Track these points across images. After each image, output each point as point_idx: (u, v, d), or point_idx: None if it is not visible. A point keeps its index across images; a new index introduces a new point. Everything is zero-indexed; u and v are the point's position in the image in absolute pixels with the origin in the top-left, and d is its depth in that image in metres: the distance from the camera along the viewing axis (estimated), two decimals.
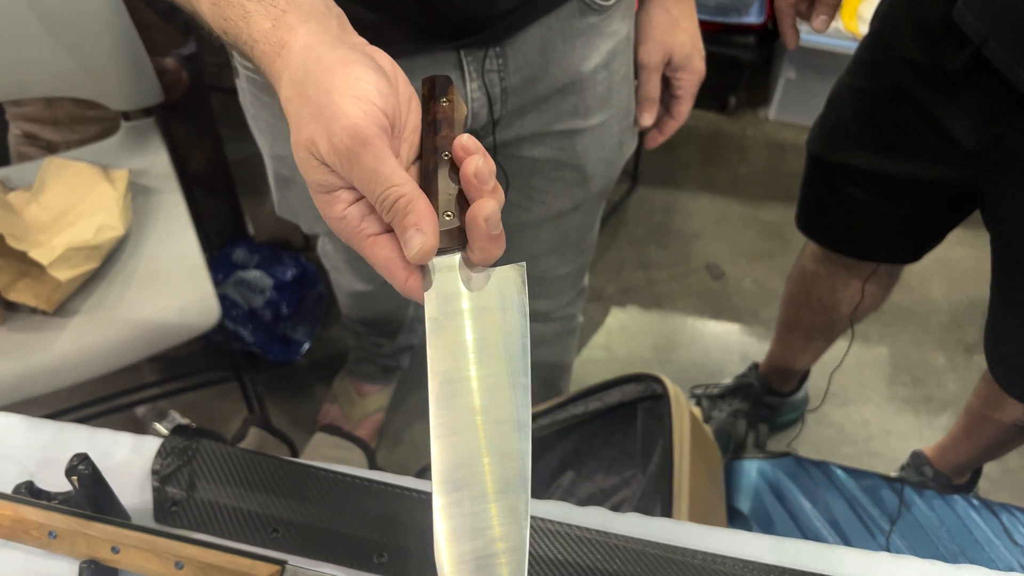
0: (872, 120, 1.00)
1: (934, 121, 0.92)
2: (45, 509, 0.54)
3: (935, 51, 0.88)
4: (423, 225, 0.40)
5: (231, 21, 0.45)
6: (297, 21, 0.44)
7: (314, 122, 0.41)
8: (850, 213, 1.10)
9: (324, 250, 1.26)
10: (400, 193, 0.40)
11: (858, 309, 1.26)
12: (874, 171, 1.02)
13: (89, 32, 1.16)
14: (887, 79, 0.96)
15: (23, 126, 1.38)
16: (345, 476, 0.62)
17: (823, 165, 1.09)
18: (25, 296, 1.07)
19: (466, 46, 0.73)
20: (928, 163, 0.97)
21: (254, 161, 1.91)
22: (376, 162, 0.40)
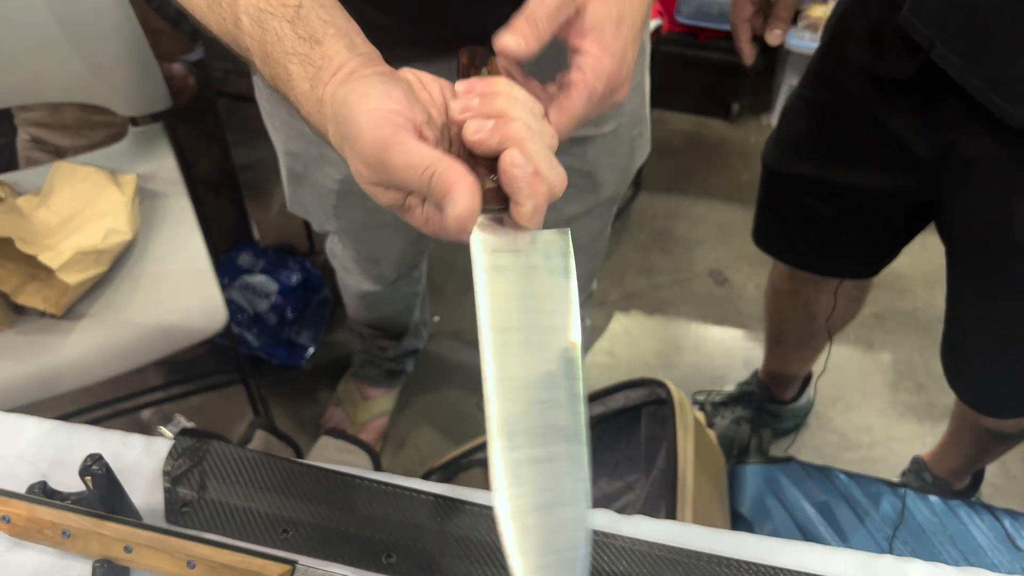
0: (826, 131, 1.00)
1: (887, 130, 0.92)
2: (59, 509, 0.55)
3: (886, 60, 0.88)
4: (457, 190, 0.39)
5: (280, 80, 0.47)
6: (328, 75, 0.45)
7: (350, 153, 0.43)
8: (807, 226, 1.10)
9: (333, 250, 1.26)
10: (430, 173, 0.40)
11: (832, 321, 1.27)
12: (830, 182, 1.02)
13: (98, 38, 1.17)
14: (840, 89, 0.96)
15: (32, 131, 1.39)
16: (354, 477, 0.63)
17: (779, 177, 1.09)
18: (34, 299, 1.08)
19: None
20: (883, 173, 0.96)
21: (260, 166, 1.93)
22: (403, 157, 0.40)
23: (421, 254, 1.24)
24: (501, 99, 0.43)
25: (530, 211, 0.41)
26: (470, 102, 0.43)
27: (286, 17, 0.46)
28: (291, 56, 0.46)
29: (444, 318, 1.74)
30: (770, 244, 1.20)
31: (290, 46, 0.46)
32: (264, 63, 0.48)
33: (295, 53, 0.46)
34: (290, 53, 0.46)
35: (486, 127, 0.41)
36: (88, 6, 1.13)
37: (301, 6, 0.47)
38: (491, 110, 0.42)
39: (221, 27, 0.50)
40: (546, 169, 0.41)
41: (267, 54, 0.47)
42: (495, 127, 0.41)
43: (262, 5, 0.47)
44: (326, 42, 0.46)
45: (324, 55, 0.46)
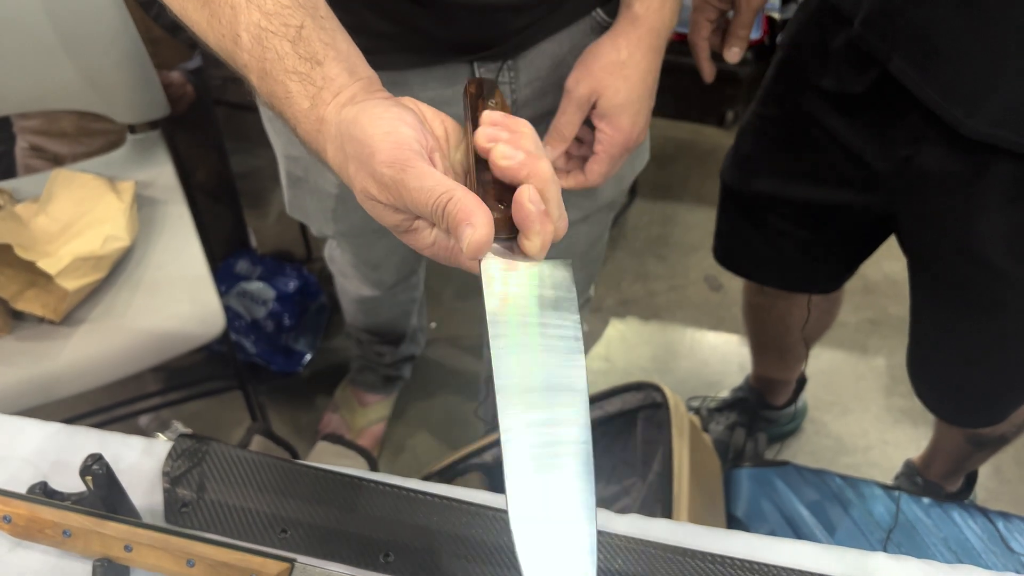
0: (783, 148, 1.00)
1: (843, 146, 0.92)
2: (60, 508, 0.55)
3: (839, 76, 0.89)
4: (472, 218, 0.41)
5: (277, 97, 0.48)
6: (330, 96, 0.47)
7: (360, 172, 0.44)
8: (767, 243, 1.10)
9: (331, 255, 1.27)
10: (447, 198, 0.41)
11: (806, 332, 1.29)
12: (788, 199, 1.02)
13: (97, 46, 1.18)
14: (795, 106, 0.96)
15: (30, 139, 1.40)
16: (352, 478, 0.64)
17: (738, 196, 1.09)
18: (32, 305, 1.08)
19: (480, 59, 0.76)
20: (841, 188, 0.96)
21: (257, 174, 1.94)
22: (419, 180, 0.42)
23: (419, 260, 1.25)
24: (527, 139, 0.45)
25: (538, 246, 0.43)
26: (498, 134, 0.44)
27: (287, 37, 0.47)
28: (291, 75, 0.47)
29: (441, 324, 1.75)
30: (731, 262, 1.20)
31: (290, 65, 0.48)
32: (262, 80, 0.49)
33: (295, 72, 0.47)
34: (290, 72, 0.47)
35: (518, 157, 0.43)
36: (87, 15, 1.14)
37: (303, 27, 0.48)
38: (518, 146, 0.44)
39: (219, 43, 0.50)
40: (556, 213, 0.43)
41: (266, 71, 0.48)
42: (526, 160, 0.43)
43: (263, 24, 0.48)
44: (327, 63, 0.48)
45: (325, 76, 0.47)
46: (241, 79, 0.52)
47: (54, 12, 1.13)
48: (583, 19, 0.78)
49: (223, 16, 0.49)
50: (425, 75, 0.74)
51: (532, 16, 0.73)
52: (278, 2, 0.48)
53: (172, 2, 0.52)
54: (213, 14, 0.49)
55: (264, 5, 0.48)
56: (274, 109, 0.50)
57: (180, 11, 0.52)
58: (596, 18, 0.78)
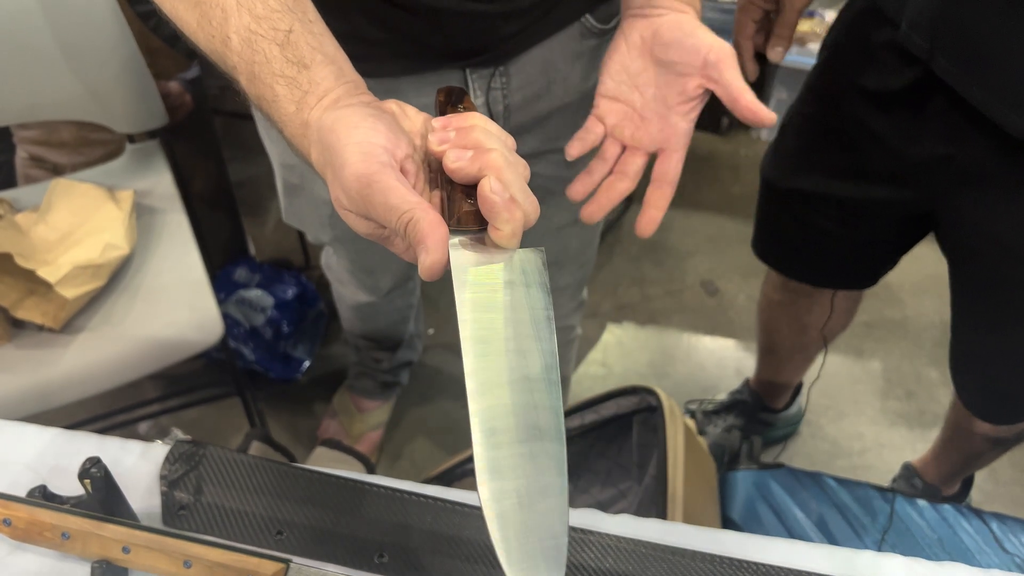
0: (825, 145, 1.02)
1: (885, 144, 0.93)
2: (59, 511, 0.56)
3: (882, 74, 0.90)
4: (428, 242, 0.42)
5: (265, 100, 0.49)
6: (315, 100, 0.47)
7: (333, 181, 0.45)
8: (807, 238, 1.11)
9: (328, 262, 1.28)
10: (407, 219, 0.42)
11: (825, 330, 1.30)
12: (829, 195, 1.04)
13: (96, 57, 1.19)
14: (838, 105, 0.98)
15: (30, 149, 1.41)
16: (347, 480, 0.64)
17: (778, 191, 1.11)
18: (32, 314, 1.09)
19: (472, 65, 0.77)
20: (882, 186, 0.98)
21: (255, 182, 1.95)
22: (385, 196, 0.43)
23: (414, 266, 1.26)
24: (476, 132, 0.45)
25: (509, 233, 0.43)
26: (447, 135, 0.45)
27: (276, 40, 0.48)
28: (278, 78, 0.48)
29: (438, 330, 1.76)
30: (770, 256, 1.22)
31: (278, 68, 0.48)
32: (250, 83, 0.49)
33: (282, 75, 0.48)
34: (277, 75, 0.48)
35: (465, 156, 0.44)
36: (87, 26, 1.15)
37: (291, 31, 0.48)
38: (467, 142, 0.44)
39: (209, 44, 0.51)
40: (521, 197, 0.43)
41: (254, 74, 0.49)
42: (474, 156, 0.44)
43: (253, 27, 0.48)
44: (314, 67, 0.48)
45: (311, 79, 0.48)
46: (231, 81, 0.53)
47: (54, 24, 1.14)
48: (573, 25, 0.79)
49: (214, 18, 0.50)
50: (419, 82, 0.76)
51: (522, 22, 0.74)
52: (267, 6, 0.49)
53: (163, 2, 0.53)
54: (204, 15, 0.50)
55: (254, 9, 0.49)
56: (262, 111, 0.51)
57: (171, 11, 0.53)
58: (586, 24, 0.79)
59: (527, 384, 0.42)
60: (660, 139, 0.65)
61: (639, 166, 0.66)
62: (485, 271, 0.44)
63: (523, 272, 0.44)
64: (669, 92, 0.63)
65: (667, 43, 0.62)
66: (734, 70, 0.61)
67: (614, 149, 0.67)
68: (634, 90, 0.65)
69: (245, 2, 0.49)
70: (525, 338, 0.43)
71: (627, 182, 0.66)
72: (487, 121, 0.46)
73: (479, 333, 0.42)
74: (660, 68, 0.64)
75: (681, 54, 0.62)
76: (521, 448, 0.41)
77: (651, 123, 0.65)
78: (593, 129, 0.67)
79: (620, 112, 0.66)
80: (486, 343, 0.42)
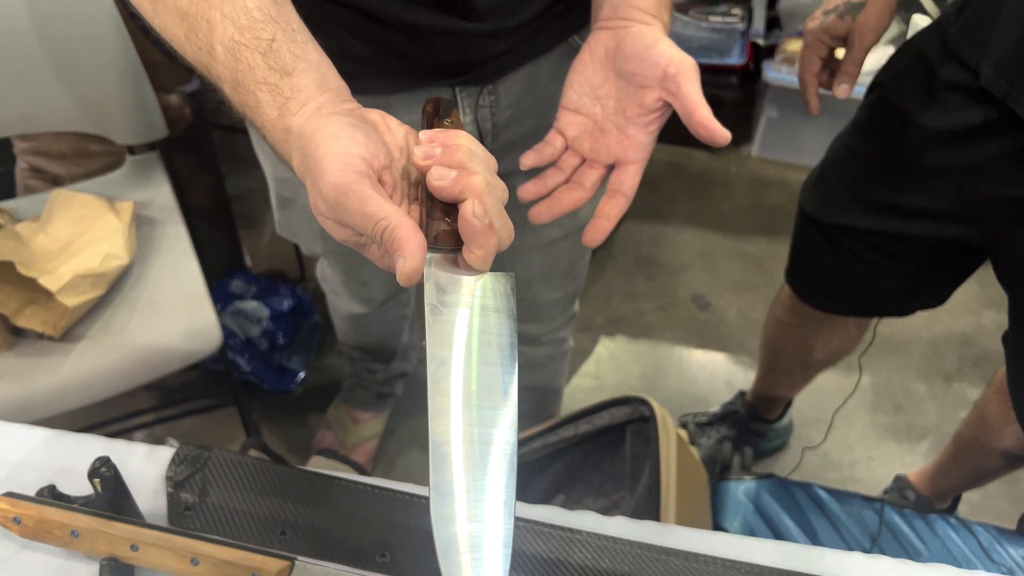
0: (876, 182, 1.02)
1: (947, 183, 0.93)
2: (68, 510, 0.58)
3: (949, 114, 0.90)
4: (405, 249, 0.43)
5: (248, 107, 0.51)
6: (297, 106, 0.49)
7: (312, 190, 0.47)
8: (849, 271, 1.11)
9: (323, 273, 1.30)
10: (384, 225, 0.43)
11: (831, 354, 1.32)
12: (880, 231, 1.03)
13: (98, 69, 1.21)
14: (893, 142, 0.98)
15: (30, 160, 1.42)
16: (349, 482, 0.66)
17: (820, 225, 1.11)
18: (32, 322, 1.10)
19: (461, 83, 0.79)
20: (937, 222, 0.98)
21: (252, 196, 1.97)
22: (361, 204, 0.44)
23: None
24: (462, 152, 0.46)
25: (481, 257, 0.45)
26: (432, 151, 0.46)
27: (259, 49, 0.50)
28: (261, 85, 0.49)
29: None
30: (805, 288, 1.22)
31: (260, 76, 0.49)
32: (235, 91, 0.51)
33: (265, 83, 0.49)
34: (260, 83, 0.49)
35: (449, 176, 0.45)
36: (90, 39, 1.17)
37: (274, 40, 0.50)
38: (452, 161, 0.45)
39: (196, 56, 0.53)
40: (499, 223, 0.45)
41: (238, 82, 0.50)
42: (457, 177, 0.45)
43: (237, 37, 0.50)
44: (296, 74, 0.49)
45: (293, 86, 0.49)
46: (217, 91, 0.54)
47: (57, 36, 1.16)
48: (560, 45, 0.81)
49: (199, 30, 0.51)
50: (409, 99, 0.77)
51: (510, 42, 0.76)
52: (251, 16, 0.50)
53: (153, 17, 0.55)
54: (191, 28, 0.52)
55: (238, 20, 0.50)
56: (246, 118, 0.52)
57: (160, 26, 0.55)
58: (573, 44, 0.81)
59: (483, 406, 0.43)
60: (617, 151, 0.64)
61: (596, 178, 0.66)
62: (455, 291, 0.45)
63: (492, 296, 0.46)
64: (628, 104, 0.63)
65: (628, 55, 0.62)
66: (692, 84, 0.60)
67: (572, 160, 0.66)
68: (596, 102, 0.65)
69: (229, 13, 0.50)
70: (487, 362, 0.44)
71: (582, 192, 0.66)
72: (473, 141, 0.47)
73: (443, 353, 0.44)
74: (621, 80, 0.63)
75: (641, 66, 0.61)
76: (469, 472, 0.42)
77: (609, 135, 0.64)
78: (552, 143, 0.66)
79: (580, 124, 0.66)
80: (447, 364, 0.44)
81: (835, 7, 0.96)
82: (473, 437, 0.43)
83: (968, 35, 0.87)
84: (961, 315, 1.88)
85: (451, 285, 0.45)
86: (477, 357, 0.44)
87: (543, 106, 0.84)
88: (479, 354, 0.44)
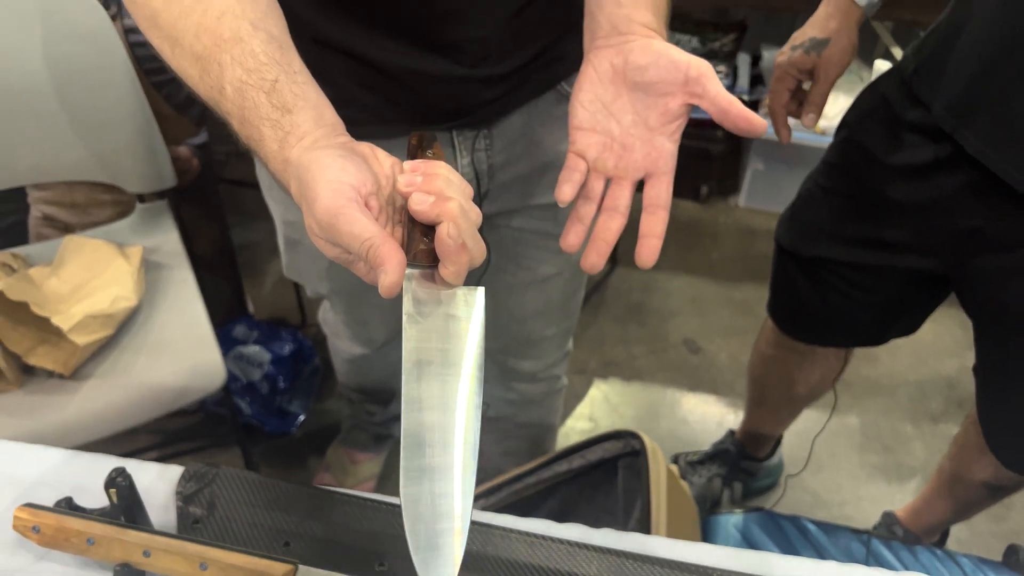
0: (846, 216, 1.08)
1: (911, 216, 0.99)
2: (85, 519, 0.61)
3: (910, 152, 0.97)
4: (387, 265, 0.49)
5: (253, 140, 0.57)
6: (295, 140, 0.55)
7: (307, 213, 0.52)
8: (824, 302, 1.17)
9: (325, 317, 1.34)
10: (369, 244, 0.49)
11: (814, 388, 1.37)
12: (850, 263, 1.10)
13: (113, 122, 1.27)
14: (860, 179, 1.04)
15: (44, 209, 1.48)
16: (349, 496, 0.69)
17: (796, 258, 1.17)
18: (44, 360, 1.14)
19: (458, 127, 0.85)
20: (905, 254, 1.03)
21: (255, 246, 2.03)
22: (350, 226, 0.50)
23: None
24: (440, 180, 0.51)
25: (455, 273, 0.50)
26: (414, 179, 0.52)
27: (263, 89, 0.56)
28: (264, 121, 0.55)
29: None
30: (785, 320, 1.27)
31: (264, 113, 0.55)
32: (242, 125, 0.57)
33: (268, 119, 0.55)
34: (264, 119, 0.55)
35: (427, 201, 0.50)
36: (106, 93, 1.24)
37: (277, 81, 0.56)
38: (431, 188, 0.51)
39: (208, 94, 0.59)
40: (471, 243, 0.51)
41: (244, 118, 0.56)
42: (435, 202, 0.50)
43: (244, 78, 0.56)
44: (295, 112, 0.55)
45: (293, 122, 0.55)
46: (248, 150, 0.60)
47: (75, 91, 1.22)
48: (549, 91, 0.87)
49: (212, 72, 0.57)
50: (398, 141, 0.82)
51: (502, 88, 0.82)
52: (257, 60, 0.56)
53: (171, 59, 0.61)
54: (204, 69, 0.58)
55: (245, 63, 0.56)
56: (251, 149, 0.58)
57: (177, 66, 0.60)
58: (560, 90, 0.87)
59: (452, 404, 0.50)
60: (646, 164, 0.63)
61: (628, 198, 0.64)
62: (432, 302, 0.52)
63: (463, 306, 0.52)
64: (650, 114, 0.62)
65: (643, 66, 0.61)
66: (717, 83, 0.60)
67: (599, 184, 0.65)
68: (610, 118, 0.64)
69: (238, 57, 0.56)
70: (456, 364, 0.51)
71: (619, 218, 0.64)
72: (450, 171, 0.53)
73: (418, 356, 0.50)
74: (637, 92, 0.63)
75: (660, 73, 0.61)
76: (437, 460, 0.49)
77: (634, 149, 0.63)
78: (576, 167, 0.65)
79: (599, 143, 0.65)
80: (423, 364, 0.50)
81: (802, 43, 1.03)
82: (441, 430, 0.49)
83: (924, 75, 0.94)
84: (945, 358, 1.93)
85: (428, 297, 0.52)
86: (451, 357, 0.51)
87: (536, 149, 0.90)
88: (452, 354, 0.51)
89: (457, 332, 0.52)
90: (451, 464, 0.49)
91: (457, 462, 0.49)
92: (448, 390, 0.50)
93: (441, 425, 0.49)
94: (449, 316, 0.52)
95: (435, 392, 0.50)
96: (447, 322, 0.52)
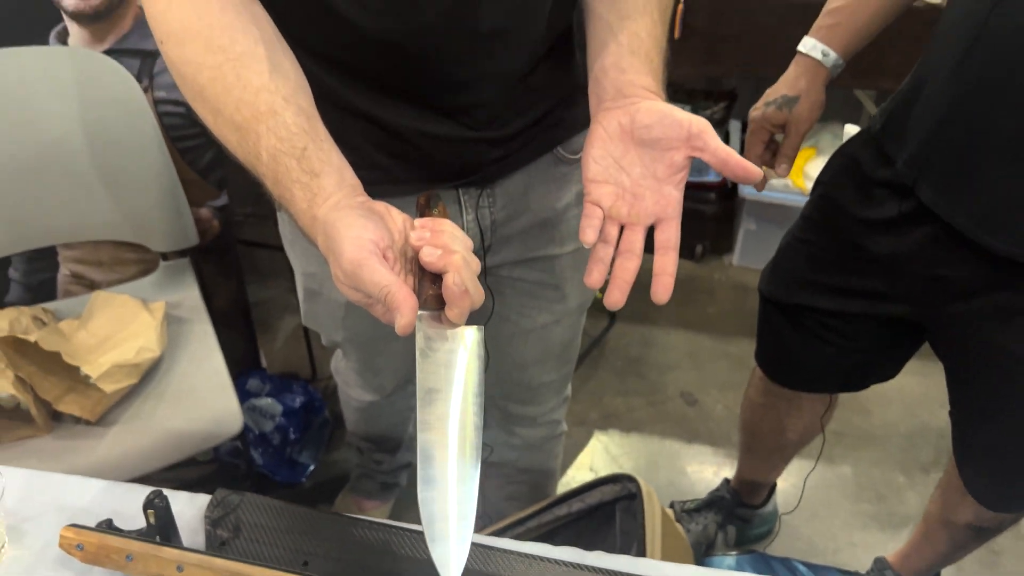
0: (824, 268, 1.16)
1: (883, 267, 1.07)
2: (125, 537, 0.68)
3: (879, 206, 1.05)
4: (402, 309, 0.58)
5: (284, 199, 0.66)
6: (322, 200, 0.65)
7: (333, 264, 0.62)
8: (810, 349, 1.24)
9: (336, 366, 1.41)
10: (387, 290, 0.58)
11: (803, 434, 1.43)
12: (830, 310, 1.17)
13: (141, 186, 1.37)
14: (835, 233, 1.12)
15: (72, 267, 1.57)
16: (364, 521, 0.76)
17: (779, 307, 1.24)
18: (72, 407, 1.21)
19: (463, 186, 0.93)
20: (879, 303, 1.11)
21: (269, 304, 2.12)
22: (371, 275, 0.59)
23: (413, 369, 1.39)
24: (446, 236, 0.61)
25: (459, 315, 0.60)
26: (424, 235, 0.62)
27: (294, 155, 0.65)
28: (295, 183, 0.65)
29: None
30: (771, 367, 1.35)
31: (295, 176, 0.65)
32: (275, 186, 0.66)
33: (298, 181, 0.65)
34: (295, 181, 0.65)
35: (435, 254, 0.60)
36: (136, 158, 1.34)
37: (306, 148, 0.65)
38: (438, 242, 0.61)
39: (246, 158, 0.68)
40: (472, 289, 0.60)
41: (277, 180, 0.66)
42: (442, 255, 0.60)
43: (278, 146, 0.65)
44: (322, 176, 0.65)
45: (320, 185, 0.65)
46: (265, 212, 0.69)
47: (107, 157, 1.33)
48: (547, 155, 0.96)
49: (249, 140, 0.66)
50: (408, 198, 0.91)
51: (505, 149, 0.91)
52: (289, 131, 0.66)
53: (214, 127, 0.69)
54: (243, 137, 0.67)
55: (278, 132, 0.66)
56: (282, 206, 0.67)
57: (219, 134, 0.69)
58: (557, 154, 0.96)
59: (459, 423, 0.60)
60: (656, 210, 0.70)
61: (641, 241, 0.70)
62: (439, 339, 0.62)
63: (466, 342, 0.63)
64: (658, 167, 0.70)
65: (648, 124, 0.69)
66: (716, 137, 0.67)
67: (614, 230, 0.71)
68: (621, 171, 0.71)
69: (272, 127, 0.66)
70: (461, 390, 0.61)
71: (635, 259, 0.70)
72: (455, 228, 0.63)
73: (429, 384, 0.61)
74: (644, 148, 0.70)
75: (664, 131, 0.68)
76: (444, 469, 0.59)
77: (645, 198, 0.70)
78: (594, 214, 0.71)
79: (612, 193, 0.71)
80: (433, 392, 0.61)
81: (774, 99, 1.12)
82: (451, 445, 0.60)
83: (889, 131, 1.03)
84: (936, 410, 1.99)
85: (436, 335, 0.62)
86: (455, 386, 0.61)
87: (535, 206, 0.98)
88: (456, 383, 0.61)
89: (460, 363, 0.62)
90: (454, 471, 0.58)
91: (460, 469, 0.59)
92: (452, 411, 0.60)
93: (446, 441, 0.59)
94: (453, 351, 0.62)
95: (441, 413, 0.60)
96: (452, 356, 0.62)
